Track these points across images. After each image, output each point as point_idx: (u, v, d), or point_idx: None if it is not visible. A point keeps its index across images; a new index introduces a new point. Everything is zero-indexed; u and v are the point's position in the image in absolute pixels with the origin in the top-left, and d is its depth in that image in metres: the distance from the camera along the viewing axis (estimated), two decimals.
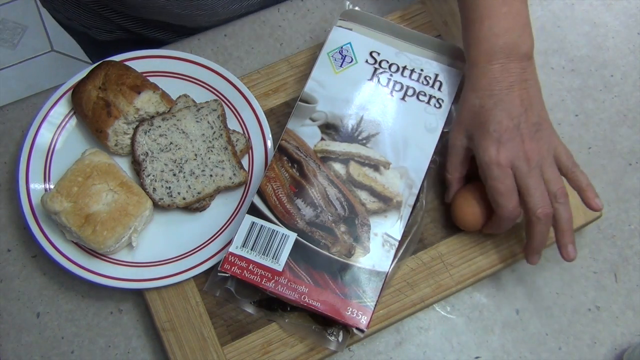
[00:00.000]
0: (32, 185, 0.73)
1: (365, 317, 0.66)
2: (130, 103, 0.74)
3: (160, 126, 0.74)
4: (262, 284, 0.67)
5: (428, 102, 0.73)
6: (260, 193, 0.70)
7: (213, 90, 0.78)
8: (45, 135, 0.75)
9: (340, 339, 0.69)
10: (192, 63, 0.79)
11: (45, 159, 0.74)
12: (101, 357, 0.72)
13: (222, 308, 0.71)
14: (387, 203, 0.70)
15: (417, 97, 0.74)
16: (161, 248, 0.72)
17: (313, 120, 0.73)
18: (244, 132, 0.77)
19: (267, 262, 0.67)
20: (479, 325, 0.74)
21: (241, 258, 0.67)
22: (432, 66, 0.75)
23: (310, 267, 0.67)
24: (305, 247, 0.68)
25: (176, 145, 0.73)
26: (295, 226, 0.69)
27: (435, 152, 0.77)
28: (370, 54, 0.75)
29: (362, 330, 0.66)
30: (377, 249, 0.69)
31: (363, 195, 0.70)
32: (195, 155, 0.74)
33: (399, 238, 0.69)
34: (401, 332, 0.74)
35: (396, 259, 0.72)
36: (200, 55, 0.81)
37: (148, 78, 0.77)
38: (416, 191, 0.71)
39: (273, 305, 0.70)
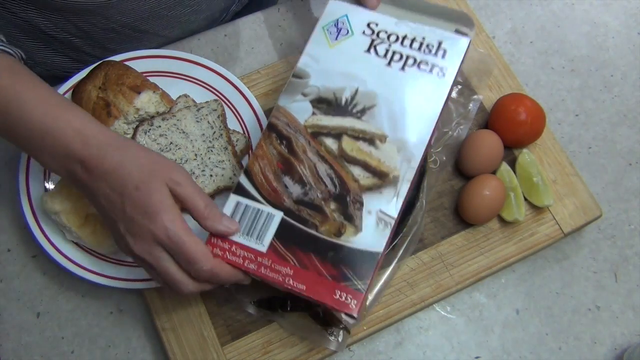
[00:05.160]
0: (32, 185, 0.73)
1: (355, 301, 0.61)
2: (130, 103, 0.74)
3: (160, 126, 0.74)
4: (244, 266, 0.63)
5: (430, 71, 0.69)
6: (247, 172, 0.66)
7: (213, 90, 0.78)
8: None
9: (340, 339, 0.69)
10: (192, 63, 0.79)
11: None
12: (101, 357, 0.72)
13: (222, 308, 0.71)
14: (382, 179, 0.65)
15: (418, 67, 0.69)
16: None
17: (305, 95, 0.69)
18: (244, 132, 0.77)
19: (250, 243, 0.64)
20: (479, 325, 0.74)
21: (224, 239, 0.64)
22: (435, 34, 0.70)
23: (296, 248, 0.63)
24: (292, 227, 0.64)
25: (176, 145, 0.73)
26: (282, 205, 0.65)
27: (436, 152, 0.77)
28: (368, 25, 0.71)
29: (352, 317, 0.62)
30: (371, 228, 0.64)
31: (356, 171, 0.66)
32: (195, 155, 0.74)
33: (395, 216, 0.64)
34: (401, 332, 0.74)
35: (396, 259, 0.72)
36: (200, 55, 0.81)
37: (148, 78, 0.77)
38: (415, 165, 0.66)
39: (273, 305, 0.70)
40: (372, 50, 0.70)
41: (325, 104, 0.68)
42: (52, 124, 0.60)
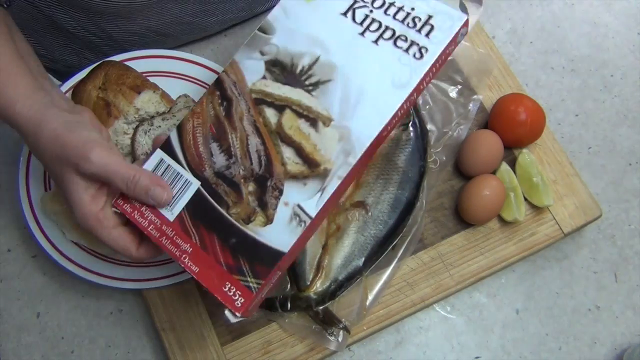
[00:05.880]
0: (32, 185, 0.73)
1: (243, 300, 0.55)
2: (130, 103, 0.74)
3: (160, 126, 0.74)
4: (147, 230, 0.58)
5: (406, 50, 0.59)
6: (180, 128, 0.61)
7: None
8: None
9: (340, 339, 0.69)
10: (192, 63, 0.79)
11: None
12: (101, 357, 0.72)
13: (222, 308, 0.71)
14: (311, 168, 0.58)
15: (395, 42, 0.60)
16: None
17: (262, 53, 0.62)
18: None
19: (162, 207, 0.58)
20: (479, 325, 0.74)
21: None
22: (427, 5, 0.60)
23: (202, 225, 0.57)
24: (205, 201, 0.58)
25: None
26: (202, 173, 0.59)
27: (436, 152, 0.77)
28: None
29: (234, 315, 0.56)
30: (282, 222, 0.56)
31: (287, 153, 0.59)
32: None
33: (313, 215, 0.56)
34: (401, 332, 0.74)
35: (396, 259, 0.72)
36: (200, 55, 0.81)
37: (148, 78, 0.77)
38: (353, 161, 0.57)
39: (273, 305, 0.70)
40: (349, 13, 0.61)
41: (279, 68, 0.61)
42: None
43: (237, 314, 0.55)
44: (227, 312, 0.58)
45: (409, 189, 0.72)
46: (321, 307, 0.69)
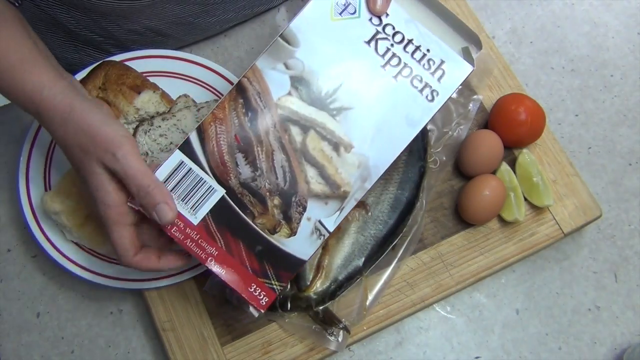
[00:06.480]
0: (32, 185, 0.73)
1: (267, 299, 0.61)
2: (130, 103, 0.74)
3: (160, 126, 0.74)
4: (170, 231, 0.60)
5: (421, 91, 0.63)
6: (201, 132, 0.61)
7: (213, 90, 0.78)
8: (45, 135, 0.75)
9: (340, 339, 0.69)
10: (192, 63, 0.79)
11: (45, 158, 0.74)
12: (101, 357, 0.72)
13: (222, 308, 0.71)
14: (333, 189, 0.62)
15: (412, 81, 0.63)
16: None
17: (287, 67, 0.62)
18: None
19: (184, 210, 0.60)
20: (479, 325, 0.74)
21: None
22: (441, 49, 0.63)
23: (227, 231, 0.61)
24: (230, 209, 0.61)
25: (176, 145, 0.73)
26: (227, 182, 0.61)
27: (436, 152, 0.77)
28: None
29: (259, 311, 0.61)
30: (305, 235, 0.62)
31: (311, 173, 0.62)
32: None
33: (331, 230, 0.62)
34: (401, 332, 0.74)
35: (396, 259, 0.72)
36: (200, 55, 0.81)
37: (148, 78, 0.77)
38: (369, 186, 0.62)
39: (273, 305, 0.70)
40: (372, 43, 0.63)
41: (305, 87, 0.62)
42: (13, 79, 0.60)
43: (262, 311, 0.61)
44: (251, 309, 0.63)
45: (409, 189, 0.72)
46: (321, 307, 0.69)
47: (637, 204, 0.80)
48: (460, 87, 0.65)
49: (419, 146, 0.73)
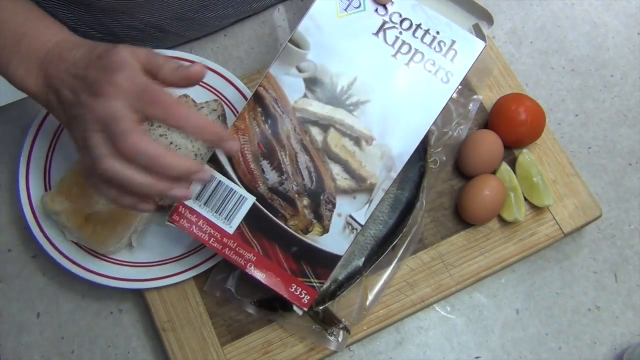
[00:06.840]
0: (32, 185, 0.73)
1: (309, 297, 0.64)
2: None
3: (160, 126, 0.74)
4: (209, 243, 0.63)
5: (435, 74, 0.63)
6: None
7: (213, 90, 0.78)
8: (45, 135, 0.75)
9: (340, 339, 0.69)
10: (192, 63, 0.79)
11: (45, 158, 0.74)
12: (101, 357, 0.72)
13: (222, 308, 0.71)
14: (359, 183, 0.64)
15: (424, 66, 0.63)
16: (161, 248, 0.72)
17: (300, 70, 0.64)
18: None
19: (219, 221, 0.63)
20: (479, 325, 0.74)
21: (192, 211, 0.63)
22: (451, 30, 0.63)
23: (262, 236, 0.63)
24: (262, 214, 0.63)
25: (176, 145, 0.73)
26: (256, 189, 0.63)
27: (436, 152, 0.77)
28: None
29: (302, 309, 0.64)
30: (337, 231, 0.64)
31: (335, 170, 0.64)
32: (195, 155, 0.73)
33: (363, 223, 0.64)
34: (401, 332, 0.74)
35: (396, 259, 0.72)
36: (200, 55, 0.81)
37: None
38: (394, 175, 0.63)
39: (273, 305, 0.70)
40: (380, 34, 0.63)
41: (320, 87, 0.64)
42: (31, 28, 0.62)
43: (304, 309, 0.64)
44: (295, 307, 0.65)
45: (409, 189, 0.72)
46: (321, 307, 0.69)
47: (637, 204, 0.80)
48: (475, 63, 0.64)
49: (419, 146, 0.73)
